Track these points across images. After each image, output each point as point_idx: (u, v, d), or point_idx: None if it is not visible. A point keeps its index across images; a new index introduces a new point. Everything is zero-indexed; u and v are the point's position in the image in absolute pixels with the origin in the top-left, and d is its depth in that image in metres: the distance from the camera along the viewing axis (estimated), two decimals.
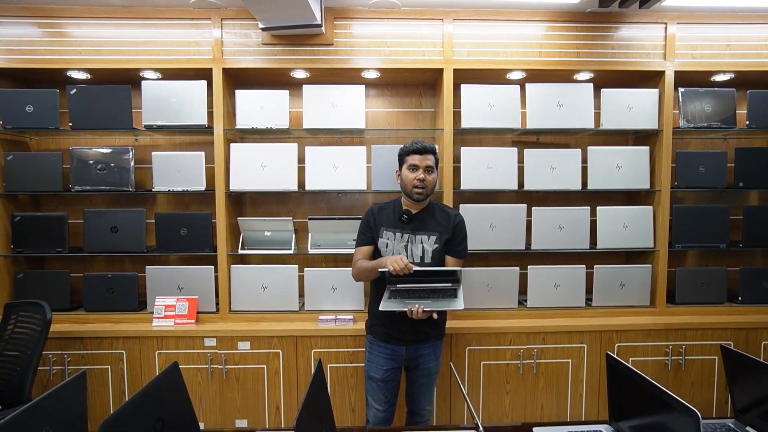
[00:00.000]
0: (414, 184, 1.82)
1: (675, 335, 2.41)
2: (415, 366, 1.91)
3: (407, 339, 1.87)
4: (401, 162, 1.89)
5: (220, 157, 2.40)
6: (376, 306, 1.83)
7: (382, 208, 1.95)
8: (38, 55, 2.36)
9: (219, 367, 2.32)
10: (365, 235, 1.93)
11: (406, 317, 1.75)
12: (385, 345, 1.89)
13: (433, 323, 1.82)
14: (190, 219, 2.45)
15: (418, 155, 1.82)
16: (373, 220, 1.92)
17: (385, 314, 1.82)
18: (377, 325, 1.92)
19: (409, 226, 1.87)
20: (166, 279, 2.43)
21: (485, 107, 2.45)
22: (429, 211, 1.90)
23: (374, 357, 1.91)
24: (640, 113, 2.49)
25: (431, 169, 1.84)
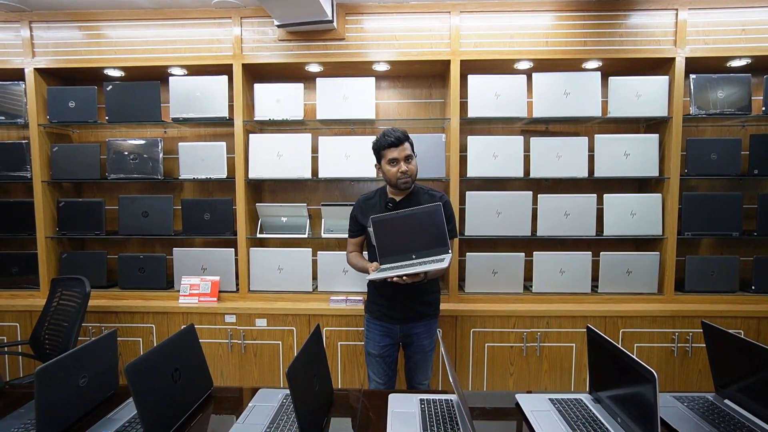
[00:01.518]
0: (398, 176, 1.81)
1: (682, 322, 2.42)
2: (410, 343, 1.95)
3: (400, 317, 1.91)
4: (378, 157, 1.86)
5: (239, 147, 2.58)
6: (372, 286, 1.96)
7: (368, 198, 1.97)
8: (79, 56, 2.60)
9: (238, 342, 2.50)
10: (354, 226, 1.99)
11: (399, 296, 1.83)
12: (380, 323, 1.94)
13: (425, 302, 1.90)
14: (212, 205, 2.64)
15: (395, 148, 1.79)
16: (359, 212, 1.96)
17: (381, 295, 1.91)
18: (373, 303, 1.98)
19: None
20: (191, 260, 2.64)
21: (492, 97, 2.52)
22: (414, 197, 1.90)
23: (371, 334, 1.97)
24: (649, 101, 2.49)
25: (410, 157, 1.82)
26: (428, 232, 1.75)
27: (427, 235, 1.75)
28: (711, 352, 1.40)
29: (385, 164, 1.83)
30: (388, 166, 1.82)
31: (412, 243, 1.77)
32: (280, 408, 1.35)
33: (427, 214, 1.73)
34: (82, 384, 1.27)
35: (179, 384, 1.27)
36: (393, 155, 1.80)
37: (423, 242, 1.76)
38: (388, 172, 1.83)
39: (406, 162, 1.81)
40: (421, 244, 1.76)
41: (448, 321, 2.44)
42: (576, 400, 1.38)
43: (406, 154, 1.80)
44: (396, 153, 1.79)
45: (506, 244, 2.73)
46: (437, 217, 1.71)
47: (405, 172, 1.81)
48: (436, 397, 1.40)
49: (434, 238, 1.74)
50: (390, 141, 1.78)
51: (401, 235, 1.78)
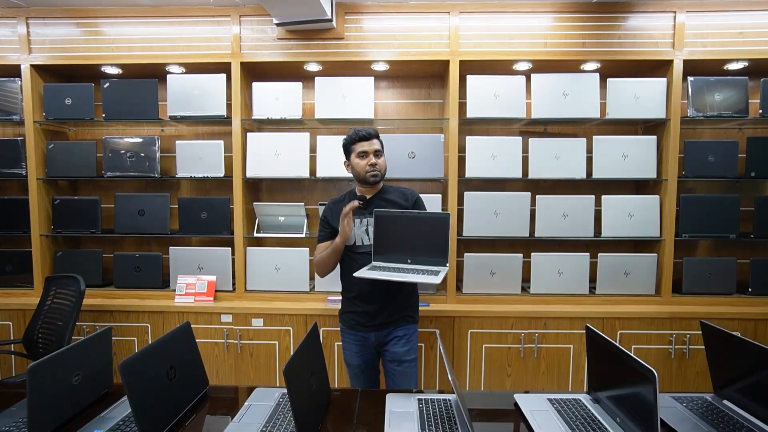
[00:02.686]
0: (366, 169, 1.81)
1: (680, 324, 2.42)
2: (385, 351, 1.85)
3: (373, 324, 1.82)
4: (348, 152, 1.87)
5: (237, 146, 2.56)
6: (345, 293, 1.89)
7: (338, 201, 1.93)
8: (76, 53, 2.58)
9: (234, 341, 2.48)
10: (324, 230, 1.92)
11: (374, 296, 1.78)
12: (354, 332, 1.86)
13: (400, 306, 1.82)
14: (209, 203, 2.63)
15: (365, 141, 1.81)
16: (330, 214, 1.90)
17: (353, 294, 1.84)
18: (345, 312, 1.91)
19: (367, 210, 1.84)
20: (188, 259, 2.62)
21: (491, 97, 2.52)
22: (384, 193, 1.89)
23: (347, 345, 1.90)
24: (647, 103, 2.50)
25: (379, 152, 1.84)
26: (429, 240, 1.71)
27: (428, 243, 1.71)
28: (710, 353, 1.39)
29: (354, 158, 1.83)
30: (358, 159, 1.82)
31: (410, 246, 1.74)
32: (277, 407, 1.33)
33: (432, 221, 1.70)
34: (75, 382, 1.25)
35: (174, 382, 1.26)
36: (363, 148, 1.81)
37: (421, 248, 1.72)
38: (357, 165, 1.83)
39: (376, 156, 1.82)
40: (419, 250, 1.72)
41: (446, 322, 2.43)
42: (575, 400, 1.37)
43: (375, 149, 1.82)
44: (366, 146, 1.81)
45: (504, 244, 2.73)
46: (443, 226, 1.68)
47: (374, 164, 1.81)
48: (434, 397, 1.39)
49: (434, 247, 1.70)
50: (361, 135, 1.82)
51: (401, 236, 1.75)
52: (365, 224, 1.85)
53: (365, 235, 1.85)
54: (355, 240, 1.85)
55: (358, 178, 1.86)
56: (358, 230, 1.85)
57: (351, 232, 1.78)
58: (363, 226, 1.85)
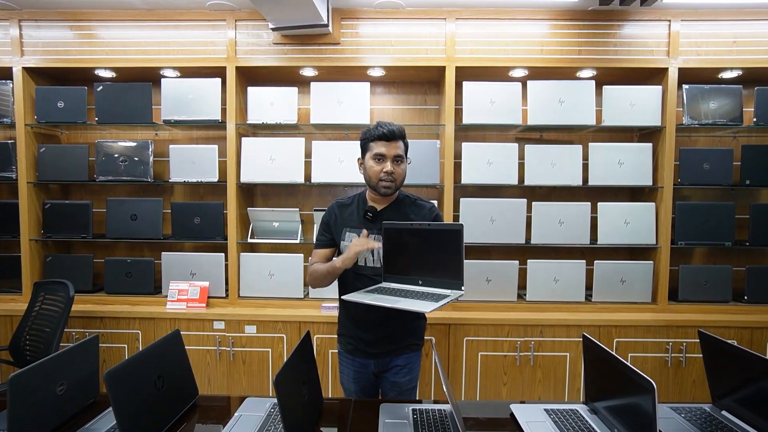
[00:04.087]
0: (380, 177, 1.53)
1: (676, 332, 2.41)
2: (383, 380, 1.66)
3: (373, 352, 1.62)
4: (364, 149, 1.59)
5: (232, 150, 2.54)
6: (343, 314, 1.69)
7: (344, 204, 1.68)
8: (69, 55, 2.56)
9: (227, 349, 2.44)
10: (324, 236, 1.67)
11: (373, 322, 1.59)
12: (352, 358, 1.67)
13: (402, 333, 1.63)
14: (203, 209, 2.60)
15: (385, 142, 1.52)
16: (333, 220, 1.65)
17: (350, 318, 1.65)
18: (342, 334, 1.71)
19: (375, 224, 1.58)
20: (180, 265, 2.58)
21: (486, 104, 2.52)
22: (398, 206, 1.62)
23: (344, 368, 1.71)
24: (643, 110, 2.50)
25: (401, 158, 1.55)
26: (441, 256, 1.48)
27: (439, 260, 1.48)
28: (708, 363, 1.38)
29: (369, 159, 1.56)
30: (372, 161, 1.54)
31: (421, 265, 1.51)
32: (268, 418, 1.30)
33: (443, 234, 1.47)
34: (59, 392, 1.21)
35: (162, 392, 1.22)
36: (380, 150, 1.53)
37: (433, 267, 1.49)
38: (370, 169, 1.55)
39: (395, 163, 1.54)
40: (431, 269, 1.49)
41: (441, 329, 2.41)
42: (572, 411, 1.34)
43: (395, 154, 1.53)
44: (384, 148, 1.53)
45: (500, 251, 2.71)
46: (455, 240, 1.43)
47: (389, 173, 1.52)
48: (429, 407, 1.36)
49: (447, 265, 1.46)
50: (381, 132, 1.52)
51: (411, 252, 1.53)
52: None
53: (369, 253, 1.59)
54: (358, 259, 1.56)
55: (368, 184, 1.59)
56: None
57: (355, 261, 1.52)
58: None
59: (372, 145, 1.56)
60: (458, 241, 1.43)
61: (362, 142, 1.62)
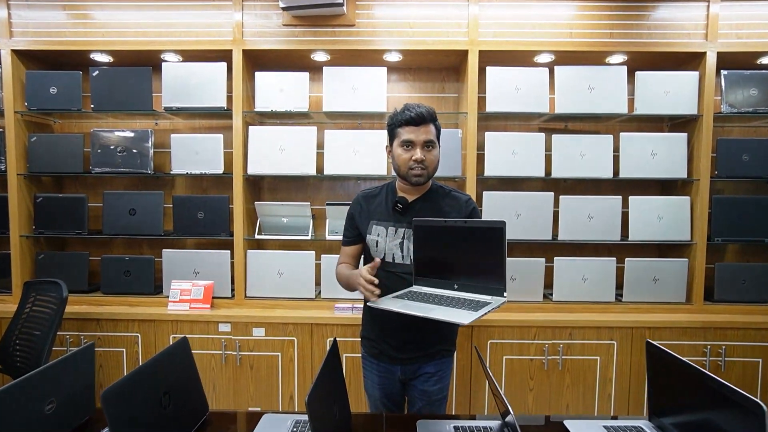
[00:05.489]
0: (410, 166, 1.40)
1: (714, 334, 2.25)
2: (412, 387, 1.54)
3: (401, 357, 1.50)
4: (392, 135, 1.47)
5: (238, 140, 2.37)
6: (367, 312, 1.57)
7: (371, 195, 1.55)
8: (63, 38, 2.37)
9: (233, 353, 2.27)
10: (350, 231, 1.56)
11: (399, 329, 1.46)
12: (377, 362, 1.55)
13: (433, 339, 1.50)
14: (207, 202, 2.42)
15: (413, 127, 1.39)
16: (358, 212, 1.53)
17: (375, 324, 1.53)
18: (366, 337, 1.59)
19: (406, 217, 1.46)
20: (183, 263, 2.41)
21: (512, 91, 2.35)
22: (431, 198, 1.49)
23: (368, 373, 1.59)
24: (678, 98, 2.34)
25: (432, 143, 1.42)
26: (481, 258, 1.31)
27: (479, 262, 1.32)
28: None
29: (397, 146, 1.43)
30: (400, 149, 1.42)
31: (457, 266, 1.35)
32: None
33: (483, 232, 1.30)
34: (48, 411, 1.04)
35: (169, 411, 1.05)
36: (408, 136, 1.40)
37: (472, 269, 1.33)
38: (399, 157, 1.42)
39: (425, 149, 1.41)
40: (469, 272, 1.33)
41: (463, 332, 2.25)
42: (635, 429, 1.18)
43: (426, 139, 1.40)
44: (413, 134, 1.40)
45: (525, 248, 2.55)
46: (497, 239, 1.26)
47: (420, 161, 1.39)
48: (474, 424, 1.20)
49: (488, 268, 1.29)
50: (409, 117, 1.39)
51: (446, 253, 1.37)
52: (400, 236, 1.45)
53: (398, 249, 1.45)
54: (385, 254, 1.47)
55: (398, 174, 1.47)
56: (390, 242, 1.46)
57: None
58: (398, 238, 1.46)
59: (400, 131, 1.43)
60: (500, 240, 1.26)
61: (389, 128, 1.48)
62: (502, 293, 1.27)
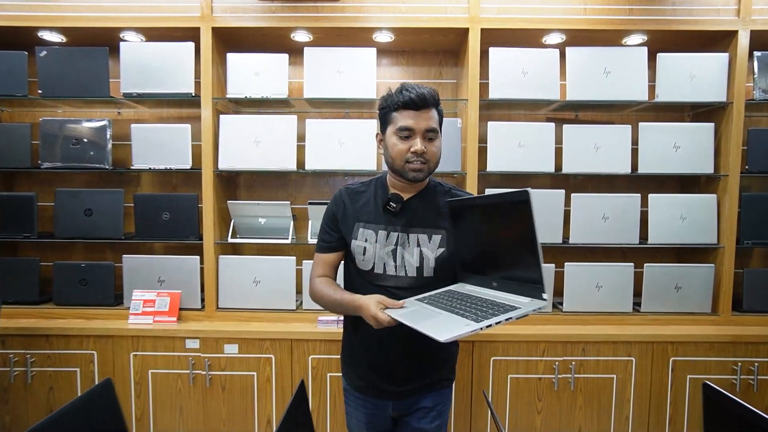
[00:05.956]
0: (407, 158, 1.15)
1: (745, 350, 2.01)
2: (405, 425, 1.30)
3: (394, 390, 1.24)
4: (384, 121, 1.21)
5: (207, 131, 2.08)
6: (349, 331, 1.31)
7: (356, 191, 1.29)
8: (6, 12, 2.07)
9: (202, 372, 2.00)
10: (329, 234, 1.28)
11: (392, 352, 1.21)
12: (362, 397, 1.29)
13: (433, 363, 1.26)
14: (173, 202, 2.14)
15: (413, 111, 1.14)
16: (341, 212, 1.26)
17: (360, 347, 1.27)
18: (349, 364, 1.32)
19: (400, 219, 1.22)
20: (146, 270, 2.13)
21: (517, 75, 2.08)
22: (430, 196, 1.26)
23: (352, 410, 1.33)
24: (704, 83, 2.08)
25: (434, 132, 1.17)
26: (513, 245, 1.04)
27: (512, 251, 1.05)
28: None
29: (391, 134, 1.18)
30: (396, 138, 1.16)
31: (495, 257, 1.10)
32: None
33: (508, 210, 1.03)
34: None
35: None
36: (407, 122, 1.14)
37: (509, 261, 1.07)
38: (394, 148, 1.16)
39: (426, 139, 1.16)
40: (507, 263, 1.07)
41: (464, 347, 1.98)
42: None
43: (428, 127, 1.15)
44: (412, 120, 1.14)
45: None
46: (524, 216, 0.97)
47: (420, 153, 1.15)
48: None
49: (520, 258, 1.02)
50: (408, 98, 1.13)
51: (482, 239, 1.13)
52: (393, 241, 1.21)
53: (390, 258, 1.20)
54: (375, 264, 1.21)
55: (391, 167, 1.21)
56: (381, 250, 1.21)
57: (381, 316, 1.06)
58: (390, 244, 1.21)
59: (395, 116, 1.18)
60: (526, 217, 0.96)
61: (381, 112, 1.23)
62: (540, 294, 0.98)
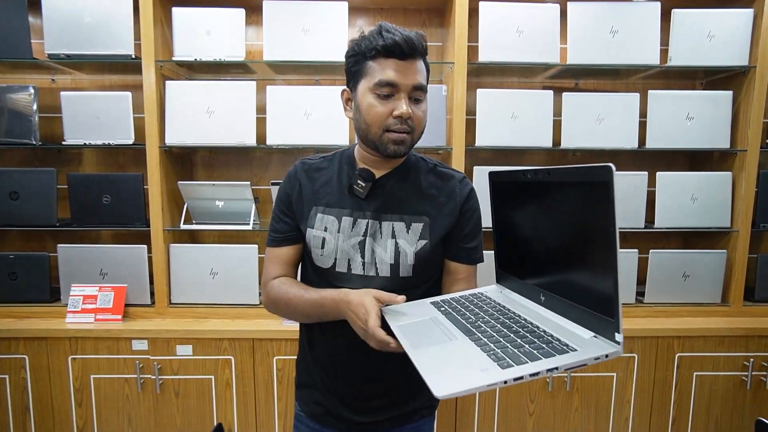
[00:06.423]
0: (388, 125, 0.87)
1: (757, 344, 1.82)
2: None
3: (360, 422, 0.99)
4: (356, 73, 0.90)
5: (151, 99, 1.78)
6: (304, 341, 1.04)
7: (315, 167, 1.00)
8: None
9: (151, 377, 1.76)
10: (283, 223, 0.99)
11: (360, 372, 0.96)
12: (319, 427, 1.02)
13: (412, 387, 0.99)
14: (114, 182, 1.85)
15: (397, 60, 0.85)
16: (296, 193, 0.98)
17: (316, 365, 1.01)
18: (305, 385, 1.04)
19: (371, 203, 0.95)
20: (86, 261, 1.85)
21: (512, 35, 1.80)
22: (409, 173, 0.98)
23: None
24: (724, 45, 1.82)
25: (423, 92, 0.89)
26: (576, 243, 0.72)
27: (574, 250, 0.73)
28: None
29: (366, 91, 0.88)
30: (373, 96, 0.87)
31: (544, 258, 0.80)
32: None
33: (580, 189, 0.68)
34: None
35: None
36: (389, 76, 0.84)
37: (567, 267, 0.74)
38: (370, 110, 0.87)
39: (412, 99, 0.88)
40: (565, 271, 0.75)
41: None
42: None
43: (416, 83, 0.86)
44: (396, 73, 0.84)
45: None
46: (603, 207, 0.61)
47: (405, 118, 0.86)
48: None
49: (589, 269, 0.69)
50: (391, 42, 0.83)
51: (532, 233, 0.84)
52: (360, 231, 0.93)
53: (357, 253, 0.93)
54: (336, 261, 0.94)
55: (364, 136, 0.92)
56: (345, 242, 0.93)
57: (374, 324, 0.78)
58: (356, 235, 0.94)
59: (372, 67, 0.87)
60: (603, 206, 0.61)
61: (351, 62, 0.92)
62: (611, 331, 0.62)
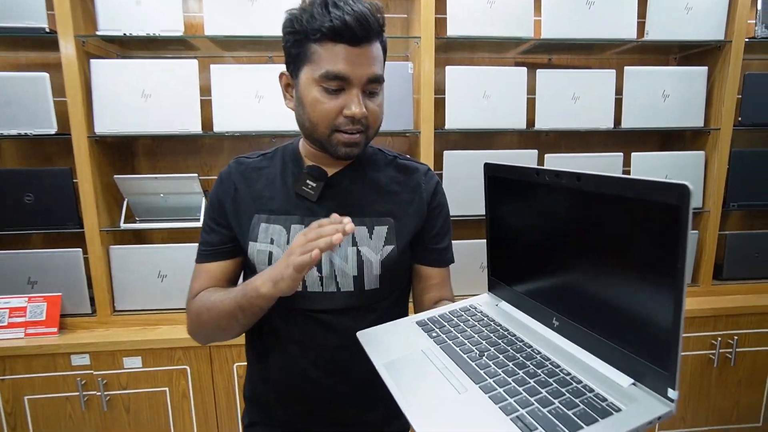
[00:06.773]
0: (337, 125, 0.73)
1: (725, 323, 1.82)
2: None
3: None
4: (297, 56, 0.73)
5: (73, 81, 1.53)
6: (249, 352, 0.89)
7: (254, 167, 0.84)
8: None
9: (96, 393, 1.59)
10: (216, 233, 0.83)
11: (322, 389, 0.82)
12: None
13: (382, 409, 0.86)
14: (38, 179, 1.61)
15: (348, 47, 0.69)
16: (231, 198, 0.82)
17: (266, 383, 0.87)
18: (256, 402, 0.90)
19: (325, 206, 0.79)
20: (10, 269, 1.63)
21: (483, 6, 1.65)
22: (366, 169, 0.84)
23: None
24: (703, 17, 1.74)
25: (379, 83, 0.74)
26: (618, 274, 0.53)
27: (613, 281, 0.54)
28: None
29: (310, 83, 0.72)
30: (318, 90, 0.71)
31: (565, 277, 0.63)
32: None
33: (639, 209, 0.49)
34: None
35: None
36: (338, 67, 0.69)
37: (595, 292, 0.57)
38: (315, 106, 0.72)
39: (368, 94, 0.73)
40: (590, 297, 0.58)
41: None
42: None
43: (371, 75, 0.71)
44: (347, 63, 0.69)
45: None
46: (670, 231, 0.45)
47: (359, 118, 0.72)
48: None
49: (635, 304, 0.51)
50: (341, 22, 0.67)
51: (546, 241, 0.67)
52: None
53: (326, 262, 0.79)
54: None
55: (310, 134, 0.77)
56: None
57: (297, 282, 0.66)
58: None
59: (317, 52, 0.70)
60: (675, 240, 0.44)
61: (290, 40, 0.73)
62: (663, 387, 0.48)
